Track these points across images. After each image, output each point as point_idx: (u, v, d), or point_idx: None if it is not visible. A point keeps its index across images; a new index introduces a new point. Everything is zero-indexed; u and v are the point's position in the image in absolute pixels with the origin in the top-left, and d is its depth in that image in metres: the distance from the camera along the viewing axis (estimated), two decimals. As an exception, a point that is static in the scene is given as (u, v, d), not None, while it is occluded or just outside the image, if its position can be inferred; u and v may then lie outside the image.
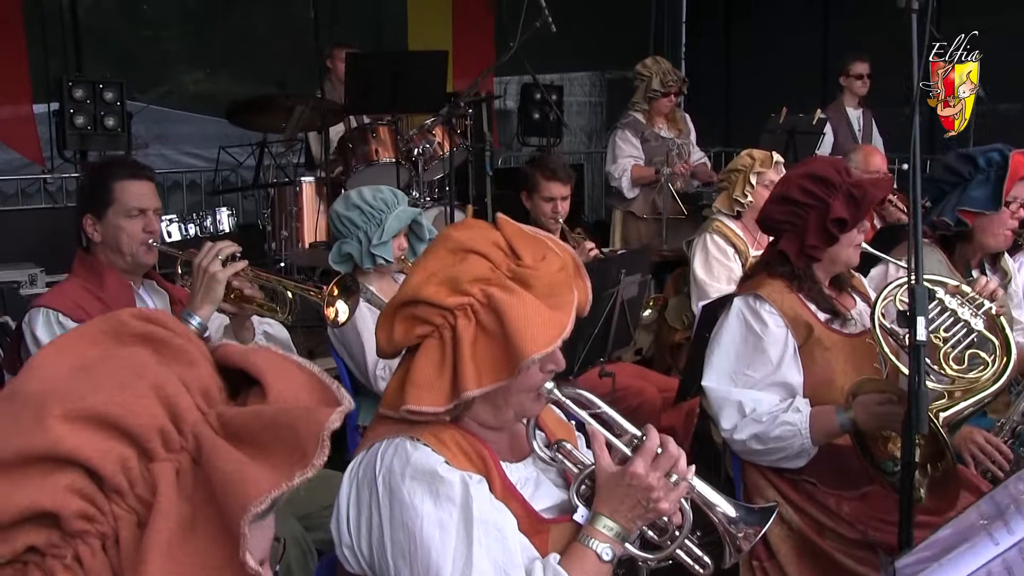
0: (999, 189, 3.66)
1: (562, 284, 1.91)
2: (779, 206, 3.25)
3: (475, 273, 1.88)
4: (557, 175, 4.87)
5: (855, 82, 7.49)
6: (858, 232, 3.22)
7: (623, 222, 6.90)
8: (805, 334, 3.15)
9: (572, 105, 10.84)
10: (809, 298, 3.20)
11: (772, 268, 3.27)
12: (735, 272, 5.05)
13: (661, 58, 6.93)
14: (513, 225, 1.98)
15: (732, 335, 3.21)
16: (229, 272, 3.05)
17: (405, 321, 1.94)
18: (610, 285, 3.72)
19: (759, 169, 5.13)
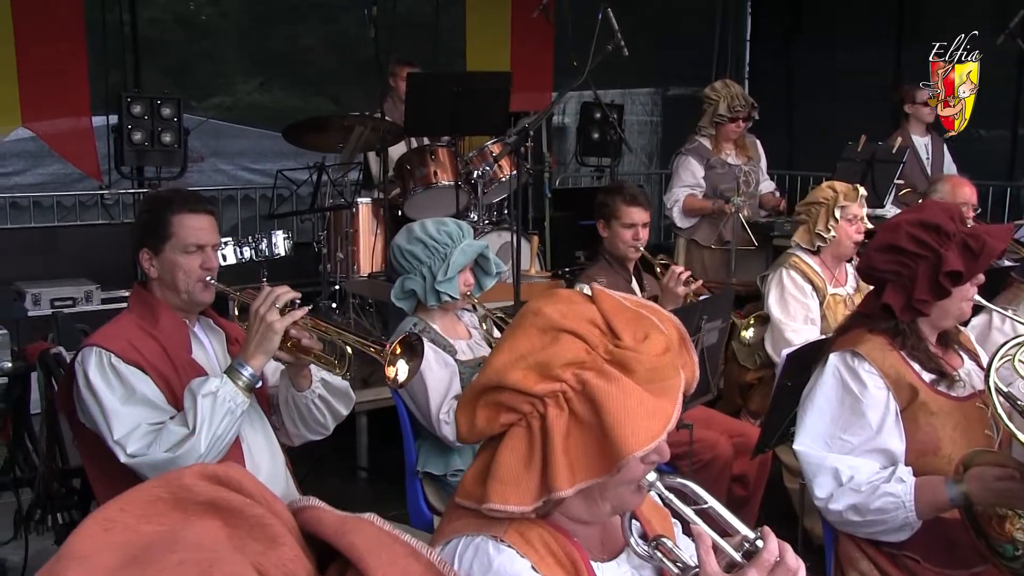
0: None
1: (667, 367, 1.67)
2: (885, 255, 2.97)
3: (568, 356, 1.67)
4: (638, 200, 4.64)
5: (922, 109, 7.18)
6: (971, 285, 2.95)
7: (687, 251, 6.64)
8: (908, 397, 2.88)
9: (632, 124, 10.61)
10: (913, 357, 2.93)
11: (873, 322, 3.00)
12: (812, 311, 4.80)
13: (731, 82, 6.64)
14: (611, 299, 1.75)
15: (827, 395, 2.95)
16: (287, 322, 2.85)
17: (489, 408, 1.72)
18: (691, 333, 3.46)
19: (843, 203, 4.85)
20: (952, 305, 2.94)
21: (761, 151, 6.80)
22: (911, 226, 2.93)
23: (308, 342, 2.95)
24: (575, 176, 9.75)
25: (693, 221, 6.55)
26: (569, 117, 9.90)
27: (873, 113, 9.48)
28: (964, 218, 2.97)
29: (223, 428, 2.76)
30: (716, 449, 4.08)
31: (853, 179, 5.86)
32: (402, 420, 3.79)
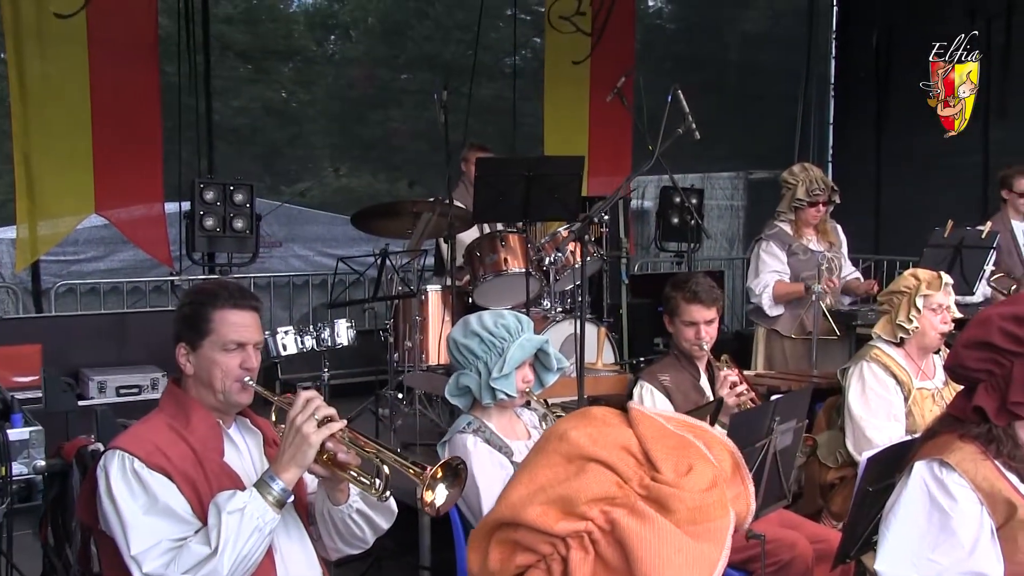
0: None
1: (714, 505, 1.41)
2: (975, 351, 2.68)
3: (596, 491, 1.42)
4: (699, 297, 4.40)
5: (1019, 200, 6.90)
6: None
7: (767, 341, 6.37)
8: (1006, 513, 2.59)
9: (713, 209, 10.45)
10: (1010, 467, 2.63)
11: (964, 427, 2.71)
12: (896, 407, 4.51)
13: (811, 165, 6.41)
14: (651, 422, 1.49)
15: (913, 510, 2.66)
16: (324, 434, 2.68)
17: (503, 546, 1.49)
18: (762, 436, 3.22)
19: (925, 292, 4.57)
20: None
21: (843, 237, 6.54)
22: (1004, 320, 2.65)
23: (345, 457, 2.78)
24: (654, 261, 9.57)
25: (782, 309, 6.29)
26: (649, 201, 9.78)
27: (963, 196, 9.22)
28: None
29: (249, 548, 2.59)
30: (795, 550, 3.80)
31: (940, 266, 5.61)
32: (454, 524, 3.60)
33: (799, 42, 10.98)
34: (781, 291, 6.22)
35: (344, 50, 9.78)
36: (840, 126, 11.10)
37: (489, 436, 3.54)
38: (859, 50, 10.78)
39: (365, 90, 9.40)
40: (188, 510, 2.67)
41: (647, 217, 9.87)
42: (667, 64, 10.72)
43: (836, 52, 11.12)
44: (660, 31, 11.29)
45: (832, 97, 11.13)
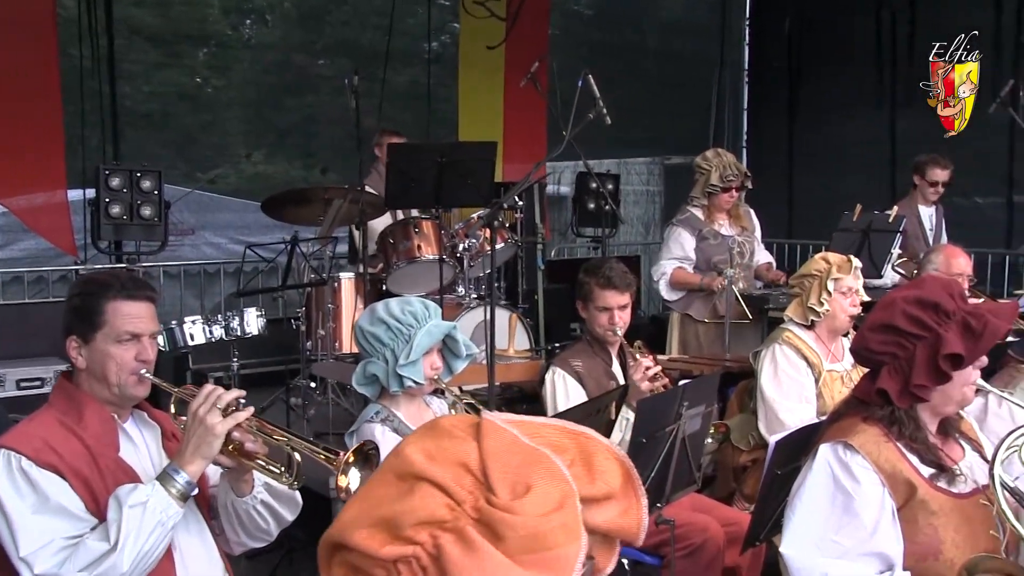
0: None
1: (555, 531, 1.26)
2: (880, 335, 2.69)
3: (424, 513, 1.29)
4: (613, 283, 4.35)
5: (928, 188, 7.02)
6: (974, 368, 2.67)
7: (681, 325, 6.38)
8: (906, 494, 2.60)
9: (629, 194, 10.45)
10: (911, 449, 2.65)
11: (868, 410, 2.72)
12: (807, 388, 4.54)
13: (723, 151, 6.44)
14: (501, 435, 1.34)
15: (817, 493, 2.66)
16: (229, 424, 2.58)
17: (342, 567, 1.37)
18: (670, 421, 3.20)
19: (835, 275, 4.60)
20: (954, 390, 2.67)
21: (756, 221, 6.58)
22: (908, 304, 2.66)
23: (252, 446, 2.68)
24: (571, 247, 9.54)
25: (680, 295, 6.32)
26: (566, 186, 9.74)
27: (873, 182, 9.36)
28: (964, 295, 2.70)
29: (152, 543, 2.48)
30: (707, 533, 3.79)
31: (850, 249, 5.68)
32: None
33: (714, 30, 11.04)
34: (679, 279, 6.25)
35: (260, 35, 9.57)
36: (754, 113, 11.19)
37: (397, 425, 3.47)
38: (772, 38, 10.88)
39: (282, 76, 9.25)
40: (82, 508, 2.54)
41: (564, 203, 9.82)
42: (584, 50, 10.68)
43: (750, 40, 11.20)
44: (578, 17, 11.25)
45: (746, 84, 11.21)
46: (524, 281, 7.62)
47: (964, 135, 7.60)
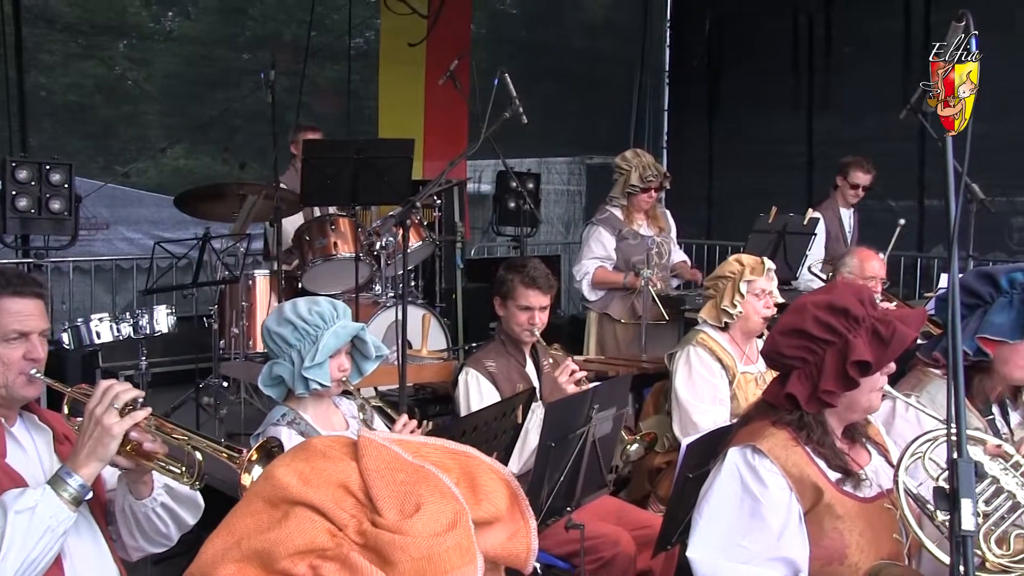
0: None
1: (449, 552, 1.16)
2: (790, 339, 2.68)
3: (301, 541, 1.16)
4: (537, 282, 4.30)
5: (849, 190, 7.09)
6: (882, 375, 2.67)
7: (599, 325, 6.37)
8: (813, 499, 2.59)
9: (550, 193, 10.43)
10: (818, 453, 2.64)
11: (776, 414, 2.70)
12: (721, 390, 4.53)
13: (642, 151, 6.43)
14: (381, 452, 1.24)
15: (725, 497, 2.64)
16: (127, 424, 2.45)
17: None
18: (579, 425, 3.15)
19: (749, 277, 4.60)
20: (861, 396, 2.66)
21: (672, 222, 6.59)
22: (819, 309, 2.64)
23: (151, 446, 2.55)
24: (491, 246, 9.48)
25: (601, 294, 6.31)
26: (487, 185, 9.67)
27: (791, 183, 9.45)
28: (875, 301, 2.69)
29: (39, 550, 2.34)
30: (618, 546, 3.75)
31: (765, 251, 5.70)
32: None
33: (636, 31, 11.06)
34: (601, 279, 6.24)
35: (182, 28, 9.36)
36: (674, 114, 11.24)
37: (304, 428, 3.38)
38: (692, 39, 10.95)
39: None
40: None
41: (485, 201, 9.76)
42: (509, 49, 10.65)
43: (670, 41, 11.24)
44: (504, 16, 11.22)
45: (667, 85, 11.25)
46: (443, 280, 7.54)
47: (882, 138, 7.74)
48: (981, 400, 3.30)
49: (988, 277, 3.23)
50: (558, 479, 3.11)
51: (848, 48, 9.43)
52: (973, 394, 3.27)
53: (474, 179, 9.63)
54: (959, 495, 2.01)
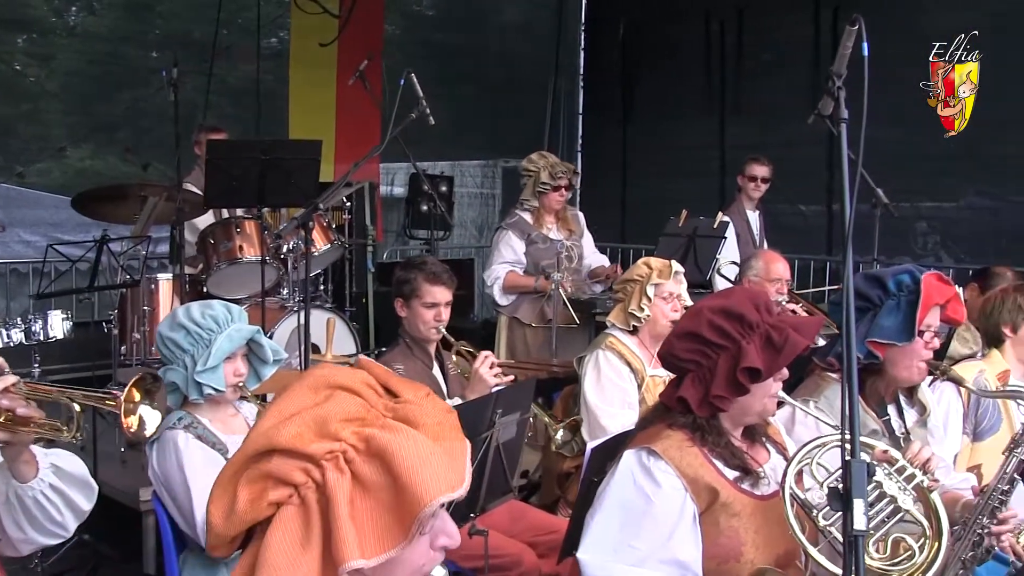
0: (911, 317, 3.18)
1: (455, 427, 1.52)
2: (686, 343, 2.70)
3: (347, 412, 1.46)
4: (441, 278, 4.26)
5: (749, 183, 7.18)
6: (775, 381, 2.69)
7: (509, 329, 6.35)
8: (708, 498, 2.61)
9: (464, 196, 10.38)
10: (715, 453, 2.66)
11: (672, 417, 2.71)
12: (630, 394, 4.53)
13: (547, 152, 6.46)
14: (380, 367, 1.59)
15: (618, 498, 2.65)
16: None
17: (254, 484, 1.45)
18: (483, 428, 3.11)
19: (656, 280, 4.61)
20: (753, 402, 2.69)
21: (584, 225, 6.60)
22: (713, 313, 2.67)
23: (25, 411, 2.43)
24: (403, 249, 9.39)
25: (513, 298, 6.28)
26: (400, 188, 9.57)
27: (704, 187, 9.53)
28: (771, 307, 2.71)
29: None
30: (521, 565, 3.72)
31: (675, 255, 5.74)
32: (163, 528, 3.32)
33: (552, 34, 11.06)
34: (512, 283, 6.22)
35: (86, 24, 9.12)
36: (589, 118, 11.26)
37: (202, 432, 3.31)
38: (607, 43, 10.96)
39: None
40: None
41: (398, 206, 9.67)
42: (423, 50, 10.59)
43: (585, 44, 11.27)
44: (418, 17, 11.15)
45: (581, 89, 11.27)
46: (353, 284, 7.46)
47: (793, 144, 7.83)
48: (875, 401, 3.37)
49: (876, 280, 3.29)
50: (459, 485, 3.06)
51: (760, 55, 9.54)
52: (867, 396, 3.34)
53: (386, 182, 9.53)
54: (851, 495, 2.03)
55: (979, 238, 8.34)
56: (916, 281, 3.21)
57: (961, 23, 6.25)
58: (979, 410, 3.88)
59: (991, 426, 3.87)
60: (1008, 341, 3.99)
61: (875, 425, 3.25)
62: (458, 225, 10.02)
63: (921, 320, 3.18)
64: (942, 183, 8.44)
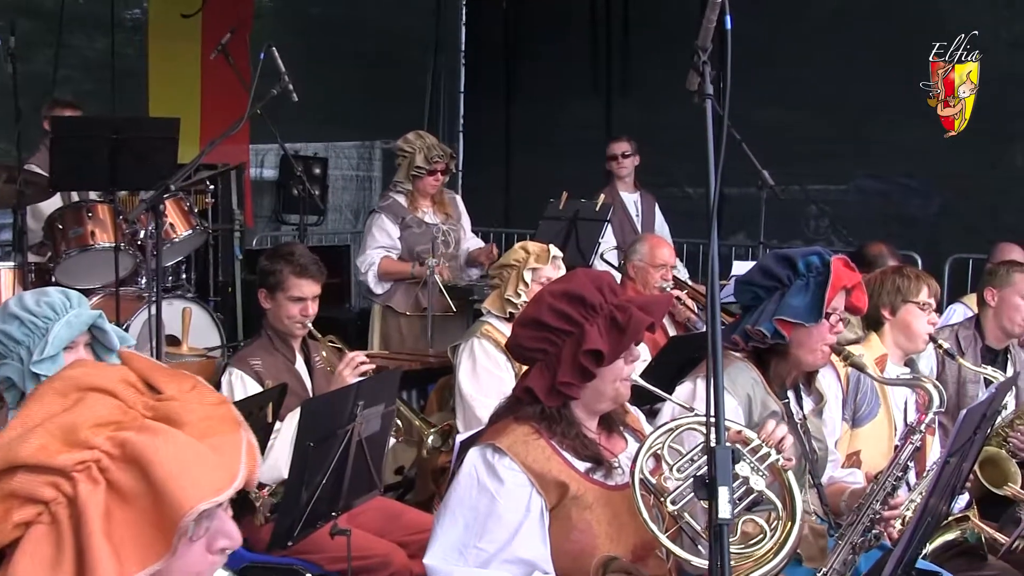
0: (820, 298, 3.24)
1: (225, 420, 1.45)
2: (529, 330, 2.73)
3: (99, 416, 1.37)
4: (309, 271, 4.16)
5: (612, 164, 7.29)
6: (626, 363, 2.73)
7: (382, 319, 6.29)
8: (558, 493, 2.63)
9: (338, 179, 10.21)
10: (565, 445, 2.67)
11: (520, 408, 2.72)
12: (507, 384, 4.46)
13: (425, 133, 6.38)
14: (145, 359, 1.51)
15: (462, 498, 2.65)
16: None
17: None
18: (342, 423, 3.06)
19: (534, 264, 4.62)
20: (604, 387, 2.72)
21: (462, 208, 6.57)
22: (555, 298, 2.70)
23: None
24: (274, 235, 9.21)
25: (388, 286, 6.21)
26: (270, 170, 9.37)
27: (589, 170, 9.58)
28: (615, 287, 2.74)
29: None
30: (391, 567, 3.66)
31: (556, 239, 5.75)
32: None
33: (432, 9, 10.97)
34: (388, 269, 6.16)
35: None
36: (471, 96, 11.20)
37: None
38: (489, 19, 10.92)
39: None
40: None
41: (269, 189, 9.47)
42: (297, 24, 10.40)
43: (467, 20, 11.20)
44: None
45: (463, 66, 11.21)
46: (219, 272, 7.30)
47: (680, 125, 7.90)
48: (777, 384, 3.40)
49: (787, 260, 3.33)
50: (320, 482, 3.01)
51: (646, 34, 9.60)
52: (770, 378, 3.37)
53: (257, 164, 9.30)
54: (716, 483, 2.05)
55: (868, 222, 8.53)
56: (825, 263, 3.26)
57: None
58: (858, 395, 3.97)
59: (869, 411, 3.96)
60: (887, 324, 4.08)
61: (776, 407, 3.30)
62: (333, 210, 9.88)
63: (829, 302, 3.24)
64: (829, 165, 8.63)
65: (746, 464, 2.50)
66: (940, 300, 4.52)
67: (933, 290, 4.10)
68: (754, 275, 3.36)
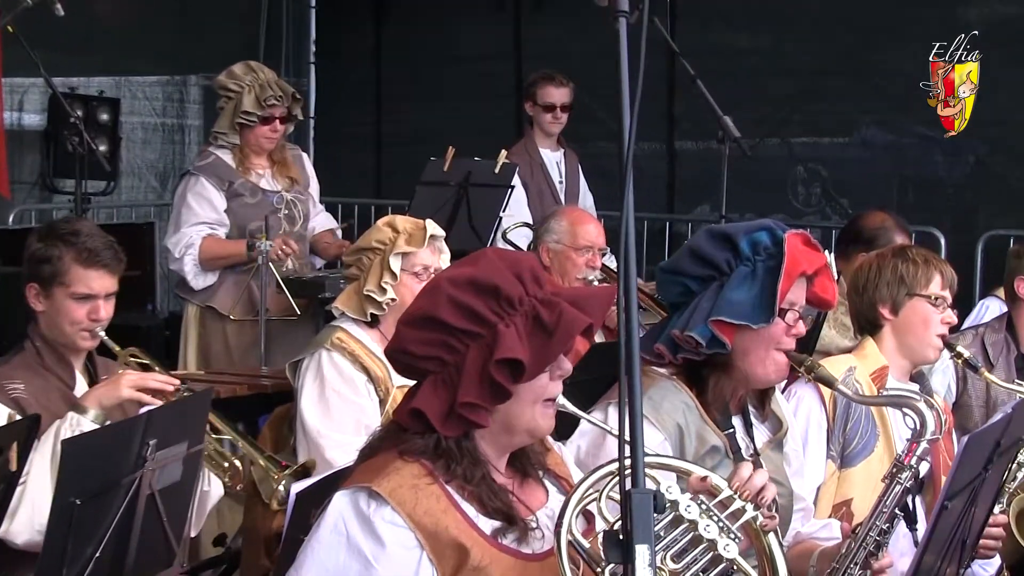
0: (771, 290, 3.27)
1: None
2: (419, 331, 2.68)
3: None
4: (100, 258, 4.12)
5: (544, 114, 7.27)
6: (552, 379, 2.73)
7: (200, 325, 6.30)
8: (456, 559, 2.61)
9: (136, 129, 10.10)
10: (466, 494, 2.67)
11: (406, 440, 2.70)
12: (368, 413, 4.54)
13: (259, 65, 6.39)
14: None
15: (324, 560, 2.63)
16: None
17: None
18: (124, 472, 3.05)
19: (404, 248, 4.63)
20: (522, 411, 2.70)
21: (311, 172, 6.60)
22: (456, 288, 2.64)
23: None
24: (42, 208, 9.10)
25: (213, 279, 6.19)
26: (34, 116, 9.20)
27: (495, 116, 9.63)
28: (539, 275, 2.73)
29: None
30: None
31: (440, 211, 5.79)
32: None
33: None
34: (213, 252, 6.15)
35: None
36: (326, 15, 11.16)
37: None
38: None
39: None
40: None
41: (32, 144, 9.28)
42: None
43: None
44: None
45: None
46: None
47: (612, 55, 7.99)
48: (718, 409, 3.42)
49: (725, 239, 3.33)
50: (92, 555, 3.00)
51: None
52: (708, 401, 3.39)
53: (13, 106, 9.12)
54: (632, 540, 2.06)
55: (876, 188, 8.65)
56: (777, 242, 3.28)
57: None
58: (848, 425, 4.01)
59: (863, 446, 4.01)
60: (887, 327, 4.13)
61: (717, 441, 3.34)
62: (128, 172, 9.81)
63: (783, 294, 3.26)
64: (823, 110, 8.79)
65: (713, 523, 2.53)
66: (970, 292, 4.60)
67: (948, 279, 4.13)
68: (682, 261, 3.39)
